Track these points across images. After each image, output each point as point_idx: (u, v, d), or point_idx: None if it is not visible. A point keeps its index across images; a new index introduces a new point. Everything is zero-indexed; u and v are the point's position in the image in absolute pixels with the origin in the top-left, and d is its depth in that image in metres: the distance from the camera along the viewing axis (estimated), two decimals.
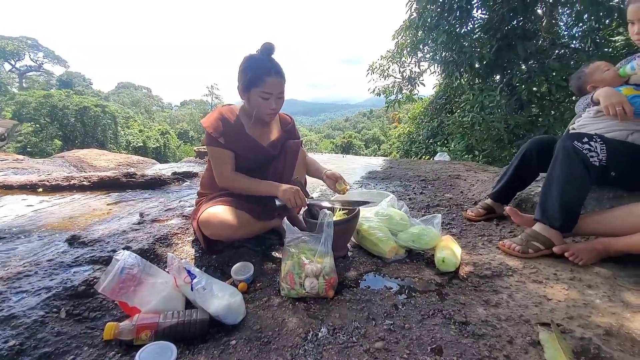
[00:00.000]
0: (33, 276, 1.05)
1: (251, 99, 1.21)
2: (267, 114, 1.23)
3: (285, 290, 1.02)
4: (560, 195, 1.19)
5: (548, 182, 1.25)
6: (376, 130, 37.74)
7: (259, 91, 1.17)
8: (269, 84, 1.16)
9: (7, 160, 3.71)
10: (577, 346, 0.79)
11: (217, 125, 1.22)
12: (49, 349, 0.78)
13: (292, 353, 0.80)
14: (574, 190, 1.19)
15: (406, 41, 6.68)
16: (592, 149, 1.18)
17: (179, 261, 0.98)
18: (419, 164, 3.79)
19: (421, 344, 0.81)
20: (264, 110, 1.21)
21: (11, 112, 14.37)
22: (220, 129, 1.22)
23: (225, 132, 1.23)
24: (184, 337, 0.84)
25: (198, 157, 4.92)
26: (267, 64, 1.17)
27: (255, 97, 1.19)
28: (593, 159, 1.17)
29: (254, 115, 1.25)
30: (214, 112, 1.29)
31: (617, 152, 1.20)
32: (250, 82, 1.17)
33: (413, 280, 1.12)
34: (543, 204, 1.25)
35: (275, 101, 1.21)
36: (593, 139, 1.20)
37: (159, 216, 1.65)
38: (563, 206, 1.19)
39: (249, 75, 1.17)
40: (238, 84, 1.22)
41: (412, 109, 9.55)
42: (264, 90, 1.17)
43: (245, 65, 1.19)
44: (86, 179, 2.36)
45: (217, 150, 1.23)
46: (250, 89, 1.18)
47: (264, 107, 1.21)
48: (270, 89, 1.17)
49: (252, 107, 1.23)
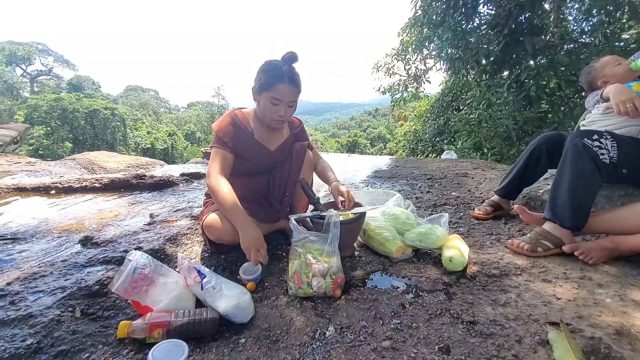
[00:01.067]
0: (48, 276, 1.09)
1: (261, 102, 1.22)
2: (273, 120, 1.23)
3: (293, 289, 1.04)
4: (571, 193, 1.17)
5: (558, 180, 1.23)
6: (382, 129, 37.55)
7: (269, 95, 1.18)
8: (280, 90, 1.17)
9: (20, 163, 3.81)
10: (587, 345, 0.78)
11: (227, 130, 1.24)
12: (65, 347, 0.81)
13: (300, 351, 0.81)
14: (584, 189, 1.17)
15: (411, 38, 6.63)
16: (603, 146, 1.16)
17: (189, 261, 1.00)
18: (425, 162, 3.77)
19: (428, 343, 0.82)
20: (271, 116, 1.22)
21: (23, 115, 14.73)
22: (230, 134, 1.24)
23: (235, 137, 1.24)
24: (195, 336, 0.86)
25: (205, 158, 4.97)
26: (283, 70, 1.17)
27: (265, 101, 1.20)
28: (603, 157, 1.15)
29: (262, 120, 1.26)
30: (226, 116, 1.29)
31: (629, 149, 1.17)
32: (262, 85, 1.19)
33: (420, 280, 1.12)
34: (553, 203, 1.23)
35: (284, 109, 1.20)
36: (603, 135, 1.18)
37: (168, 217, 1.68)
38: (573, 205, 1.17)
39: (263, 78, 1.19)
40: (253, 85, 1.24)
41: (418, 106, 9.48)
42: (274, 95, 1.17)
43: (262, 68, 1.20)
44: (97, 181, 2.41)
45: (218, 151, 1.23)
46: (261, 92, 1.20)
47: (272, 113, 1.21)
48: (280, 95, 1.17)
49: (261, 111, 1.24)
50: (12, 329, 0.83)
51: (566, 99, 4.53)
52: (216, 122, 1.27)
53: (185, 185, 2.59)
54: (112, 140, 16.57)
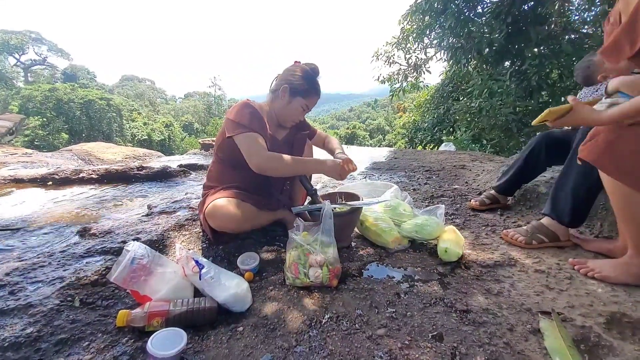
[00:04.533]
0: (47, 267, 1.09)
1: (292, 105, 1.30)
2: (293, 122, 1.36)
3: (290, 279, 1.05)
4: (574, 192, 1.17)
5: (562, 179, 1.22)
6: (381, 120, 37.35)
7: (303, 102, 1.30)
8: (312, 100, 1.32)
9: (17, 154, 3.78)
10: (577, 334, 0.80)
11: (250, 118, 1.23)
12: (65, 335, 0.82)
13: (297, 339, 0.82)
14: (589, 189, 1.16)
15: (412, 27, 6.51)
16: None
17: (187, 252, 1.01)
18: (424, 154, 3.77)
19: (422, 331, 0.83)
20: (294, 118, 1.34)
21: (18, 106, 14.52)
22: (254, 121, 1.23)
23: (258, 124, 1.24)
24: (194, 324, 0.87)
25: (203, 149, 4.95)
26: (318, 85, 1.32)
27: (297, 105, 1.30)
28: None
29: (280, 116, 1.34)
30: (243, 105, 1.27)
31: None
32: (301, 91, 1.28)
33: (415, 270, 1.13)
34: (554, 200, 1.23)
35: (304, 114, 1.35)
36: None
37: (166, 208, 1.68)
38: (575, 204, 1.17)
39: (304, 85, 1.28)
40: (282, 84, 1.28)
41: (418, 97, 9.40)
42: (307, 103, 1.31)
43: (303, 75, 1.29)
44: (94, 172, 2.41)
45: (249, 134, 1.20)
46: (296, 96, 1.29)
47: (296, 116, 1.33)
48: (311, 105, 1.33)
49: (287, 112, 1.32)
50: (12, 318, 0.84)
51: (567, 90, 4.50)
52: (232, 111, 1.25)
53: (183, 177, 2.58)
54: (108, 131, 16.41)
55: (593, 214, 1.35)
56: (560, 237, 1.22)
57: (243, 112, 1.24)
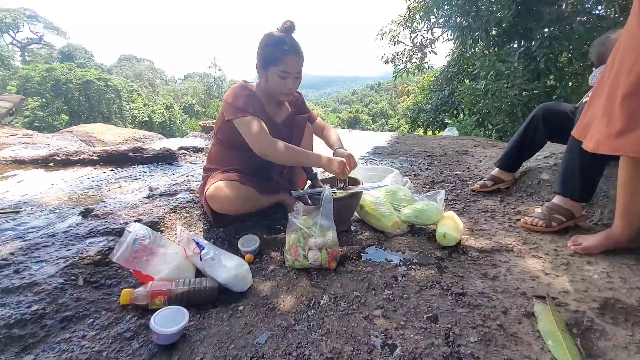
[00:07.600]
0: (50, 247, 1.11)
1: (269, 77, 1.21)
2: (283, 93, 1.24)
3: (290, 261, 1.07)
4: (582, 169, 1.19)
5: (569, 156, 1.24)
6: (384, 104, 36.73)
7: (277, 69, 1.18)
8: (287, 62, 1.17)
9: (18, 135, 3.76)
10: (570, 318, 0.81)
11: (247, 100, 1.20)
12: (70, 312, 0.85)
13: (296, 318, 0.85)
14: (597, 165, 1.19)
15: (419, 4, 6.26)
16: None
17: (188, 233, 1.02)
18: (426, 139, 3.72)
19: (418, 312, 0.85)
20: (281, 89, 1.22)
21: (16, 86, 14.34)
22: (251, 103, 1.20)
23: (255, 107, 1.21)
24: (196, 303, 0.89)
25: (204, 131, 4.90)
26: (287, 42, 1.17)
27: (274, 76, 1.19)
28: None
29: (269, 93, 1.25)
30: (239, 88, 1.24)
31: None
32: (269, 59, 1.18)
33: (413, 254, 1.15)
34: (564, 177, 1.25)
35: (292, 81, 1.21)
36: None
37: (167, 190, 1.68)
38: (584, 179, 1.20)
39: (268, 53, 1.18)
40: (256, 61, 1.21)
41: (422, 79, 9.17)
42: (283, 69, 1.17)
43: (265, 43, 1.18)
44: (95, 154, 2.40)
45: (250, 118, 1.18)
46: (268, 67, 1.19)
47: (281, 86, 1.21)
48: (288, 67, 1.18)
49: (270, 86, 1.23)
50: (17, 296, 0.87)
51: (575, 74, 4.37)
52: (230, 94, 1.23)
53: (184, 159, 2.58)
54: (107, 112, 16.25)
55: (594, 201, 1.34)
56: (575, 213, 1.24)
57: (239, 94, 1.21)
